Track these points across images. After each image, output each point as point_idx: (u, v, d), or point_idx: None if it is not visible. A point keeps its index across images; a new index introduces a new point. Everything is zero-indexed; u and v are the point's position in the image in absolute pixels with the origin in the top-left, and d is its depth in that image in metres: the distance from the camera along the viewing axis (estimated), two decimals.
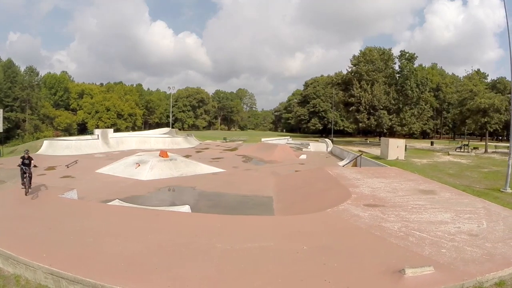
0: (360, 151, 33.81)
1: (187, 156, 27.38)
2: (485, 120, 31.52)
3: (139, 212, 9.34)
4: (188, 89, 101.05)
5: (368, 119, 38.44)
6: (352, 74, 40.62)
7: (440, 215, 8.65)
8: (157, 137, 41.55)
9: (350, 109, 39.99)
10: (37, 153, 27.46)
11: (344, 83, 41.61)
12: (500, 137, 72.99)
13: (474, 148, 33.69)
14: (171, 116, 67.83)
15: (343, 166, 24.43)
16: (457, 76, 70.42)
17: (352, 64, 40.90)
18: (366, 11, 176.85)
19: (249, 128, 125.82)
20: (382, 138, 26.43)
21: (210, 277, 5.09)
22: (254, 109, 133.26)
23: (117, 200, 12.56)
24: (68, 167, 21.25)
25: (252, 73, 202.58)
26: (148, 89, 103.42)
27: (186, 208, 10.74)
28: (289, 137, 45.58)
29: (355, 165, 25.08)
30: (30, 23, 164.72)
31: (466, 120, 34.41)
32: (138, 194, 14.12)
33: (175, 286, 4.76)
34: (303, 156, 28.71)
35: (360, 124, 38.90)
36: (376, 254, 6.12)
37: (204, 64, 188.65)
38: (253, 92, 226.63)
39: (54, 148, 29.58)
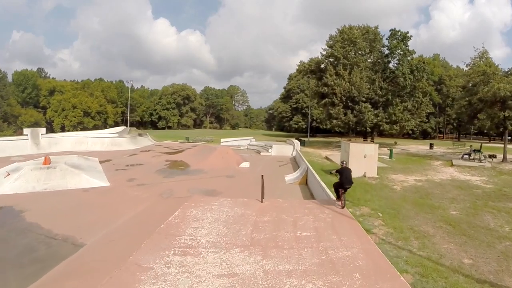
0: (326, 157, 26.17)
1: (107, 161, 23.04)
2: (505, 114, 22.61)
3: None
4: (173, 85, 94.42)
5: (345, 114, 29.75)
6: (327, 58, 31.94)
7: None
8: (94, 138, 35.48)
9: (323, 101, 31.34)
10: None
11: (320, 70, 33.07)
12: None
13: (491, 156, 24.83)
14: (128, 113, 61.59)
15: (288, 183, 17.03)
16: (463, 69, 60.66)
17: (327, 46, 32.37)
18: (370, 9, 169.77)
19: (245, 126, 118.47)
20: (342, 143, 17.57)
21: None
22: (250, 107, 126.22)
23: None
24: None
25: (256, 71, 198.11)
26: (132, 86, 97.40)
27: None
28: (252, 137, 37.92)
29: (305, 181, 17.29)
30: (33, 21, 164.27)
31: (478, 115, 24.86)
32: None
33: None
34: (245, 165, 21.30)
35: (335, 120, 30.23)
36: None
37: (208, 63, 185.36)
38: (257, 90, 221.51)
39: None
